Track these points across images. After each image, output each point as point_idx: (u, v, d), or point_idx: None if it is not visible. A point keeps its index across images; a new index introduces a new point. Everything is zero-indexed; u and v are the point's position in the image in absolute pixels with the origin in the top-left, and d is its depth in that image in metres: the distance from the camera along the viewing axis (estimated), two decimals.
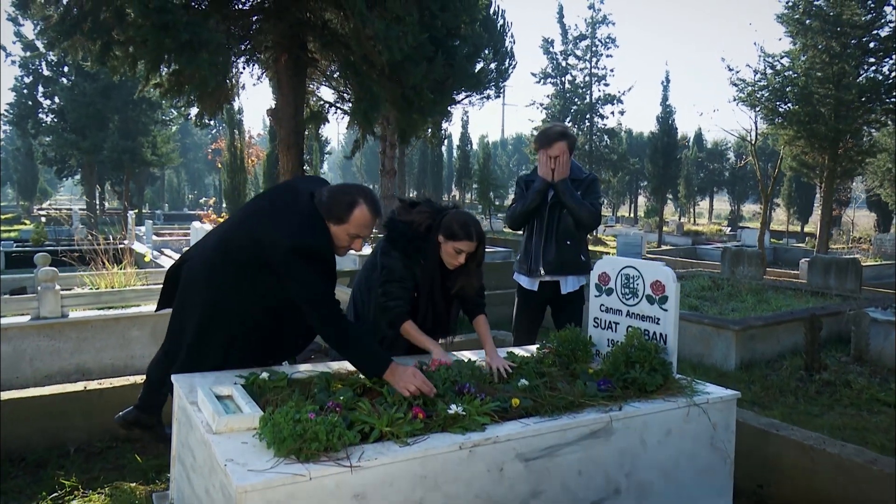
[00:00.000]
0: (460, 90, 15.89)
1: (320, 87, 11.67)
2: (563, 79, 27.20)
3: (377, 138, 15.97)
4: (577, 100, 26.89)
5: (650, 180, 27.72)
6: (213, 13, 7.63)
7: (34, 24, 8.00)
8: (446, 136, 32.00)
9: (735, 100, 15.79)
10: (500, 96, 21.43)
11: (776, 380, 5.17)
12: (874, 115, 15.38)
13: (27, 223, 26.84)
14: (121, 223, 17.20)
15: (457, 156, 41.04)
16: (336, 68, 10.08)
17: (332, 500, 1.74)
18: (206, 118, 9.40)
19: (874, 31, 14.96)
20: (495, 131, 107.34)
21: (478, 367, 2.55)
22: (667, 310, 2.77)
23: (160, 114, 25.56)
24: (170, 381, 2.43)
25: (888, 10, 14.80)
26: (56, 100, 24.30)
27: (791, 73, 15.59)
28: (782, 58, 16.00)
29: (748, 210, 46.56)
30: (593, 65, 26.72)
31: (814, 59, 15.17)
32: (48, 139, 25.10)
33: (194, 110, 9.37)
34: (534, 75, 27.29)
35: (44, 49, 8.60)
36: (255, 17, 8.68)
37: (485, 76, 16.14)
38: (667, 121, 24.16)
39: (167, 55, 7.32)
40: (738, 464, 2.69)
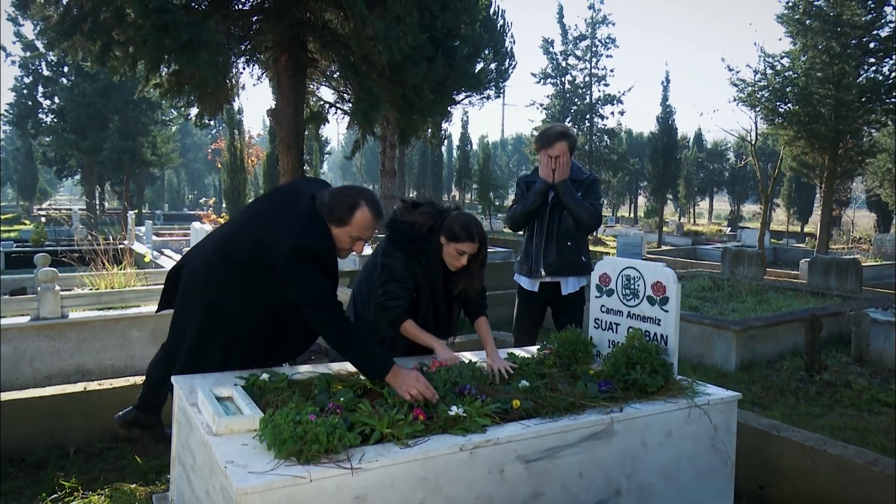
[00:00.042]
0: (460, 90, 15.90)
1: (320, 88, 11.70)
2: (563, 79, 27.25)
3: (377, 138, 16.00)
4: (577, 100, 26.93)
5: (650, 180, 27.74)
6: (213, 13, 7.64)
7: (34, 24, 8.00)
8: (446, 137, 32.05)
9: (735, 100, 15.81)
10: (500, 96, 21.47)
11: (776, 380, 5.17)
12: (874, 116, 15.38)
13: (27, 223, 26.83)
14: (121, 223, 17.20)
15: (457, 156, 41.07)
16: (336, 68, 10.10)
17: (332, 502, 1.74)
18: (206, 118, 9.43)
19: (874, 32, 14.96)
20: (495, 131, 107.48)
21: (478, 368, 2.54)
22: (668, 311, 2.76)
23: (160, 114, 25.59)
24: (170, 381, 2.43)
25: (888, 10, 14.82)
26: (56, 100, 24.32)
27: (791, 73, 15.60)
28: (782, 58, 16.01)
29: (748, 210, 46.57)
30: (593, 65, 26.76)
31: (814, 60, 15.17)
32: (48, 139, 25.13)
33: (194, 110, 9.39)
34: (534, 75, 27.36)
35: (44, 49, 8.61)
36: (255, 18, 8.69)
37: (485, 76, 16.16)
38: (667, 121, 24.16)
39: (167, 55, 7.34)
40: (739, 465, 2.69)
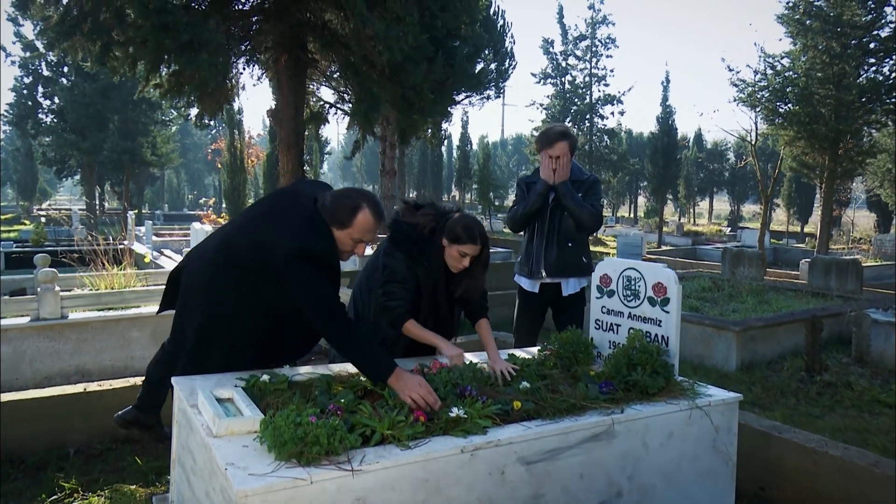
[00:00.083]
0: (460, 90, 15.91)
1: (320, 88, 11.69)
2: (563, 79, 27.25)
3: (377, 139, 16.00)
4: (577, 100, 26.93)
5: (650, 180, 27.73)
6: (213, 14, 7.63)
7: (34, 24, 8.00)
8: (446, 137, 32.06)
9: (735, 100, 15.81)
10: (500, 96, 21.47)
11: (777, 381, 5.16)
12: (874, 116, 15.38)
13: (27, 223, 26.82)
14: (120, 224, 17.21)
15: (457, 156, 41.08)
16: (336, 69, 10.09)
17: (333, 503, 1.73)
18: (206, 118, 9.42)
19: (874, 32, 14.95)
20: (495, 131, 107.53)
21: (479, 369, 2.54)
22: (668, 312, 2.76)
23: (160, 114, 25.59)
24: (169, 381, 2.42)
25: (888, 10, 14.81)
26: (56, 100, 24.32)
27: (791, 73, 15.59)
28: (782, 58, 16.01)
29: (748, 210, 46.56)
30: (593, 65, 26.77)
31: (814, 60, 15.17)
32: (48, 139, 25.12)
33: (194, 111, 9.38)
34: (534, 75, 27.36)
35: (44, 49, 8.61)
36: (255, 18, 8.68)
37: (485, 76, 16.18)
38: (667, 121, 24.15)
39: (167, 56, 7.33)
40: (740, 466, 2.68)
